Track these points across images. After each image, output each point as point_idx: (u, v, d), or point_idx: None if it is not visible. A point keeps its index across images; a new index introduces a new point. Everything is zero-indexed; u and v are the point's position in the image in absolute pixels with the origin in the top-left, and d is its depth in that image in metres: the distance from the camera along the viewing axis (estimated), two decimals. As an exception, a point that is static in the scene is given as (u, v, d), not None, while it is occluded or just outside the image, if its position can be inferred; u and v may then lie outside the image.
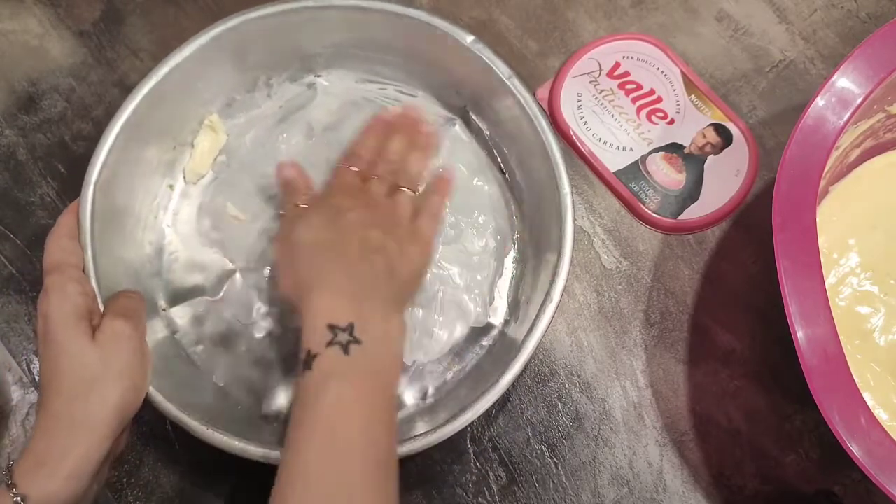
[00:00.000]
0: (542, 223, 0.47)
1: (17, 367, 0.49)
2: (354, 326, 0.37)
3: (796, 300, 0.38)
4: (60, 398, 0.37)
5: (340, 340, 0.37)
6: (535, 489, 0.47)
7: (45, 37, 0.56)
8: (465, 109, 0.51)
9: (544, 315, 0.43)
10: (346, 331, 0.37)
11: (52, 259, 0.41)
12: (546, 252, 0.46)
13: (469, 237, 0.50)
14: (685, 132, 0.53)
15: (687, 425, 0.49)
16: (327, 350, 0.37)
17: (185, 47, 0.47)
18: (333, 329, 0.37)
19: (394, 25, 0.48)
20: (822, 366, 0.37)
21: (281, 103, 0.52)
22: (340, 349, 0.37)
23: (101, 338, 0.38)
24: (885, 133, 0.49)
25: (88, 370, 0.37)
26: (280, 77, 0.52)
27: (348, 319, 0.38)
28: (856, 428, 0.36)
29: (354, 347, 0.37)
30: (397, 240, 0.43)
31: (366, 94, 0.53)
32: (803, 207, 0.39)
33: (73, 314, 0.38)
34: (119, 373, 0.38)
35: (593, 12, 0.57)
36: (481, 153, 0.51)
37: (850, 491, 0.47)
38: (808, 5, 0.57)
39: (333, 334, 0.37)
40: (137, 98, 0.46)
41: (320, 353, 0.37)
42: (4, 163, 0.53)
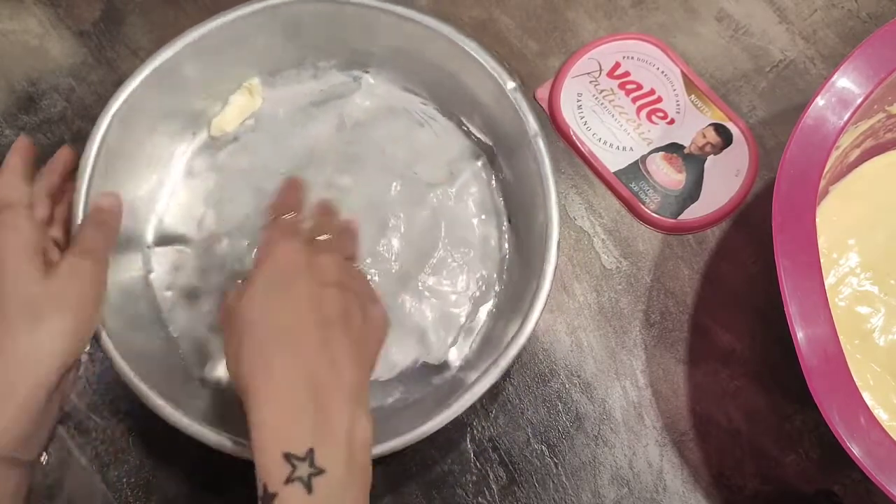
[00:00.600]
0: (524, 284, 0.46)
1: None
2: (315, 453, 0.32)
3: (796, 300, 0.38)
4: (6, 331, 0.36)
5: (301, 476, 0.31)
6: (535, 489, 0.47)
7: (45, 37, 0.56)
8: (493, 150, 0.51)
9: (496, 367, 0.42)
10: (306, 460, 0.32)
11: (0, 196, 0.40)
12: (517, 313, 0.44)
13: (454, 273, 0.49)
14: (685, 132, 0.53)
15: (687, 425, 0.49)
16: (287, 489, 0.31)
17: (240, 8, 0.48)
18: (290, 460, 0.32)
19: (442, 48, 0.48)
20: (822, 366, 0.37)
21: (323, 87, 0.53)
22: (302, 486, 0.31)
23: (57, 272, 0.38)
24: (886, 133, 0.49)
25: (35, 302, 0.37)
26: (329, 62, 0.52)
27: (307, 444, 0.32)
28: (856, 428, 0.36)
29: (318, 480, 0.32)
30: (358, 299, 0.37)
31: (406, 103, 0.52)
32: (803, 207, 0.39)
33: (26, 248, 0.38)
34: (69, 305, 0.37)
35: (593, 12, 0.57)
36: (494, 196, 0.51)
37: (850, 491, 0.47)
38: (808, 5, 0.57)
39: (292, 467, 0.32)
40: (178, 45, 0.47)
41: (279, 494, 0.31)
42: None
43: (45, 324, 0.37)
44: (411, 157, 0.51)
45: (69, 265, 0.38)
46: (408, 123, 0.52)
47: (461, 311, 0.49)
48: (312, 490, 0.31)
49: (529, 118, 0.46)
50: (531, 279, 0.44)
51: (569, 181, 0.53)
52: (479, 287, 0.49)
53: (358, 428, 0.34)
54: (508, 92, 0.47)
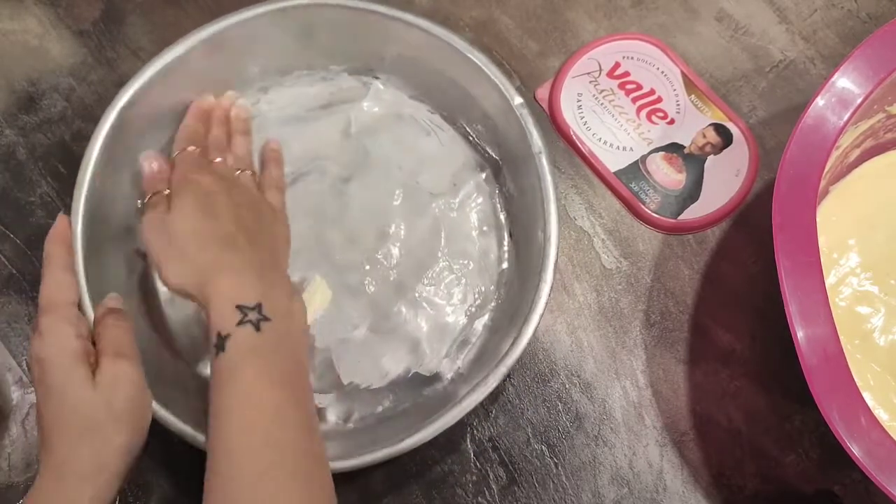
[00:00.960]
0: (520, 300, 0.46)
1: (17, 367, 0.49)
2: (262, 305, 0.38)
3: (796, 300, 0.38)
4: (66, 443, 0.36)
5: (251, 319, 0.37)
6: (535, 489, 0.47)
7: (45, 37, 0.56)
8: (499, 163, 0.51)
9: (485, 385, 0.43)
10: (256, 309, 0.38)
11: (47, 296, 0.40)
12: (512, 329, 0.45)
13: (452, 285, 0.49)
14: (685, 132, 0.53)
15: (687, 425, 0.49)
16: (238, 329, 0.37)
17: (255, 8, 0.48)
18: (242, 309, 0.38)
19: (452, 58, 0.48)
20: (822, 366, 0.37)
21: (333, 90, 0.53)
22: (252, 327, 0.37)
23: (101, 381, 0.37)
24: (885, 133, 0.49)
25: (92, 415, 0.37)
26: (340, 66, 0.53)
27: (256, 299, 0.38)
28: (856, 428, 0.36)
29: (265, 325, 0.37)
30: (262, 217, 0.44)
31: (414, 111, 0.52)
32: (803, 207, 0.39)
33: (71, 358, 0.37)
34: (122, 415, 0.37)
35: (593, 12, 0.57)
36: (497, 210, 0.51)
37: (850, 491, 0.47)
38: (808, 5, 0.57)
39: (243, 314, 0.37)
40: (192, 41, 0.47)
41: (232, 334, 0.37)
42: (4, 162, 0.53)
43: (106, 437, 0.37)
44: (415, 166, 0.51)
45: (110, 371, 0.38)
46: (414, 131, 0.52)
47: (457, 323, 0.48)
48: (260, 329, 0.37)
49: (534, 135, 0.46)
50: (527, 297, 0.44)
51: (569, 181, 0.53)
52: (476, 300, 0.49)
53: (293, 299, 0.41)
54: (515, 107, 0.47)
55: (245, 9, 0.48)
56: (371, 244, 0.49)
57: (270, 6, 0.48)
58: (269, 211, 0.46)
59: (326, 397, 0.47)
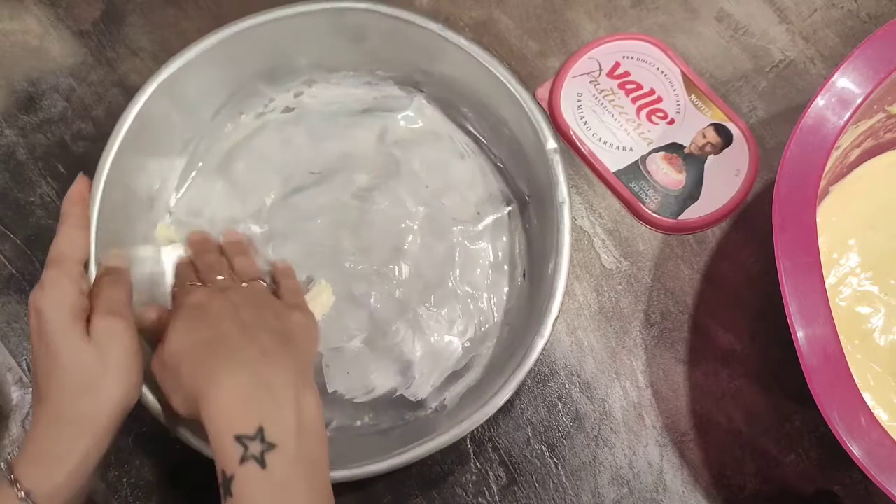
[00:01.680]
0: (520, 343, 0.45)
1: (17, 367, 0.49)
2: (264, 429, 0.34)
3: (796, 300, 0.38)
4: (63, 395, 0.37)
5: (253, 453, 0.33)
6: (535, 489, 0.47)
7: (45, 37, 0.56)
8: (527, 200, 0.50)
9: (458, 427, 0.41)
10: (257, 438, 0.33)
11: (57, 250, 0.40)
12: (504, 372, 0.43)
13: (455, 313, 0.48)
14: (685, 132, 0.53)
15: (687, 425, 0.49)
16: (242, 468, 0.33)
17: (313, 3, 0.48)
18: (242, 441, 0.33)
19: (496, 90, 0.47)
20: (823, 366, 0.37)
21: (376, 96, 0.53)
22: (256, 463, 0.33)
23: (95, 337, 0.38)
24: (885, 133, 0.49)
25: (88, 369, 0.37)
26: (387, 73, 0.52)
27: (255, 423, 0.34)
28: (856, 428, 0.36)
29: (270, 455, 0.33)
30: (272, 311, 0.41)
31: (452, 132, 0.52)
32: (803, 207, 0.39)
33: (69, 313, 0.38)
34: (117, 371, 0.38)
35: (593, 12, 0.57)
36: (515, 247, 0.50)
37: (850, 491, 0.47)
38: (808, 5, 0.57)
39: (244, 447, 0.33)
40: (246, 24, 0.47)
41: (236, 475, 0.33)
42: (4, 163, 0.53)
43: (101, 390, 0.37)
44: (442, 187, 0.51)
45: (104, 329, 0.38)
46: (448, 152, 0.51)
47: (452, 353, 0.48)
48: (266, 465, 0.33)
49: (561, 183, 0.45)
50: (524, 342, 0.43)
51: (569, 181, 0.53)
52: (476, 334, 0.48)
53: (303, 400, 0.36)
54: (548, 151, 0.46)
55: (303, 3, 0.48)
56: (383, 257, 0.49)
57: (329, 4, 0.48)
58: (282, 307, 0.42)
59: None
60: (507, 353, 0.46)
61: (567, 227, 0.44)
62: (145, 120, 0.45)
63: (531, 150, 0.47)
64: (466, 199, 0.50)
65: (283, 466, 0.33)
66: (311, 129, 0.52)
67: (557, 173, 0.45)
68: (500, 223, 0.50)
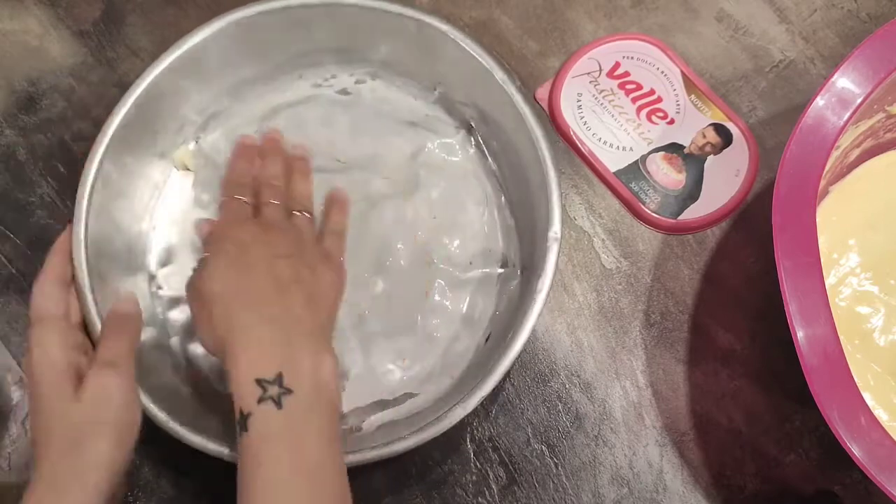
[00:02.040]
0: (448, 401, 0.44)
1: (17, 367, 0.49)
2: (283, 376, 0.36)
3: (796, 300, 0.38)
4: (50, 457, 0.36)
5: (272, 395, 0.35)
6: (535, 489, 0.47)
7: (45, 37, 0.56)
8: (518, 274, 0.48)
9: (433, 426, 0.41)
10: (276, 382, 0.36)
11: (35, 308, 0.40)
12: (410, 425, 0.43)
13: (409, 349, 0.47)
14: (685, 132, 0.53)
15: (687, 425, 0.49)
16: (259, 407, 0.35)
17: (400, 7, 0.48)
18: (261, 383, 0.36)
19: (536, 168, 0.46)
20: (823, 366, 0.37)
21: (429, 113, 0.52)
22: (273, 404, 0.35)
23: (85, 395, 0.37)
24: (885, 133, 0.49)
25: (74, 430, 0.36)
26: (447, 95, 0.51)
27: (275, 369, 0.36)
28: (856, 428, 0.36)
29: (287, 399, 0.36)
30: (308, 265, 0.42)
31: (485, 180, 0.51)
32: (803, 207, 0.39)
33: (55, 372, 0.37)
34: (105, 430, 0.37)
35: (593, 12, 0.57)
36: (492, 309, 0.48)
37: (850, 491, 0.47)
38: (808, 5, 0.57)
39: (263, 389, 0.36)
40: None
41: (253, 413, 0.35)
42: (4, 163, 0.53)
43: (87, 450, 0.36)
44: (448, 225, 0.50)
45: (96, 384, 0.38)
46: (469, 195, 0.50)
47: (388, 383, 0.47)
48: (282, 406, 0.35)
49: (548, 269, 0.43)
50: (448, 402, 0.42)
51: (569, 181, 0.53)
52: (419, 374, 0.47)
53: (321, 359, 0.38)
54: (549, 236, 0.44)
55: (390, 3, 0.48)
56: (364, 265, 0.48)
57: (413, 13, 0.48)
58: (319, 259, 0.43)
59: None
60: (437, 405, 0.45)
61: (536, 309, 0.43)
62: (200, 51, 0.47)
63: (539, 229, 0.45)
64: (465, 246, 0.49)
65: (297, 410, 0.36)
66: (356, 119, 0.52)
67: (549, 260, 0.44)
68: (488, 281, 0.49)
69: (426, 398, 0.46)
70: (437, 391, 0.47)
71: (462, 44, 0.48)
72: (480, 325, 0.48)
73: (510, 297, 0.48)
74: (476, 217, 0.50)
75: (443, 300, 0.49)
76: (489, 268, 0.49)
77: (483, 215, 0.50)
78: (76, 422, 0.37)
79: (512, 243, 0.50)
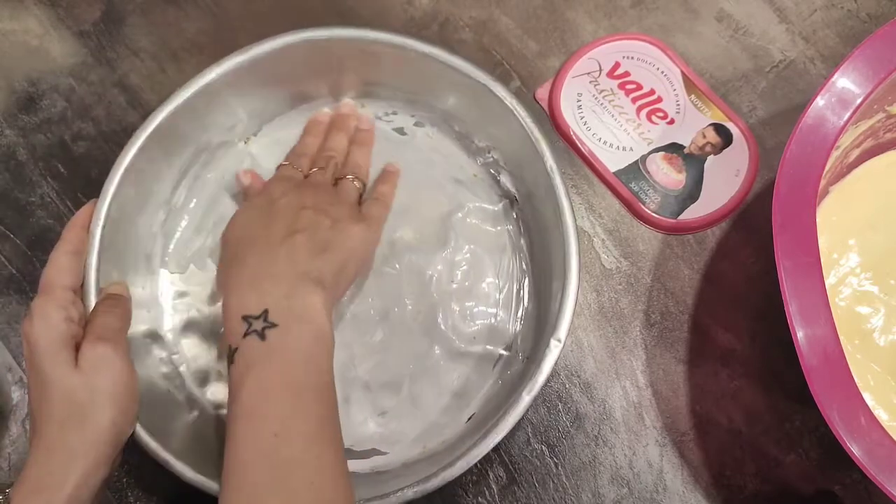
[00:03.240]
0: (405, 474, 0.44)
1: (18, 367, 0.49)
2: (268, 311, 0.38)
3: (796, 300, 0.38)
4: (52, 426, 0.37)
5: (256, 328, 0.37)
6: (535, 489, 0.47)
7: (45, 37, 0.56)
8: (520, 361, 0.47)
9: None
10: (261, 317, 0.38)
11: (46, 277, 0.40)
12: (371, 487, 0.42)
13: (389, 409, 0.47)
14: (685, 132, 0.53)
15: (687, 425, 0.49)
16: (244, 341, 0.37)
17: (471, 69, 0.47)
18: (248, 319, 0.38)
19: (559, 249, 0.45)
20: (823, 366, 0.37)
21: (476, 173, 0.51)
22: (257, 337, 0.37)
23: (83, 364, 0.38)
24: (886, 133, 0.49)
25: (76, 398, 0.37)
26: (495, 157, 0.51)
27: (262, 306, 0.38)
28: (856, 428, 0.36)
29: (271, 332, 0.37)
30: (333, 217, 0.43)
31: (510, 253, 0.50)
32: (803, 207, 0.39)
33: (56, 341, 0.38)
34: (106, 398, 0.38)
35: (593, 12, 0.57)
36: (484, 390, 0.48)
37: (850, 491, 0.47)
38: (808, 5, 0.57)
39: (248, 324, 0.38)
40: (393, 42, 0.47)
41: (239, 346, 0.37)
42: (4, 163, 0.53)
43: (88, 417, 0.37)
44: (464, 293, 0.49)
45: (93, 354, 0.38)
46: (496, 269, 0.49)
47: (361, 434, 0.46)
48: (265, 338, 0.37)
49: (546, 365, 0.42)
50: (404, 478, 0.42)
51: (569, 181, 0.53)
52: (391, 436, 0.46)
53: (314, 299, 0.39)
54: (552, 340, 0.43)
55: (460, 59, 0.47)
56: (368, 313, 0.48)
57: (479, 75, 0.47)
58: (349, 216, 0.44)
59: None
60: (402, 470, 0.45)
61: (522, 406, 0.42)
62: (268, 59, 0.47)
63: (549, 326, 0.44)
64: (474, 318, 0.48)
65: (280, 342, 0.37)
66: (404, 160, 0.51)
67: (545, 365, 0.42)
68: (488, 360, 0.48)
69: (391, 459, 0.46)
70: (406, 456, 0.46)
71: (518, 117, 0.46)
72: (467, 403, 0.47)
73: (504, 383, 0.47)
74: (494, 292, 0.49)
75: (437, 367, 0.47)
76: (492, 346, 0.48)
77: (502, 292, 0.49)
78: (77, 392, 0.37)
79: (525, 329, 0.48)
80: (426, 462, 0.44)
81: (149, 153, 0.45)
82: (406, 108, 0.52)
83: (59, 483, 0.35)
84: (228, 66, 0.46)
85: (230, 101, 0.49)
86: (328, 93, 0.51)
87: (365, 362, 0.47)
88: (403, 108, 0.52)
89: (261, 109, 0.51)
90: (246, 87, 0.48)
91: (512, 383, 0.46)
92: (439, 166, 0.51)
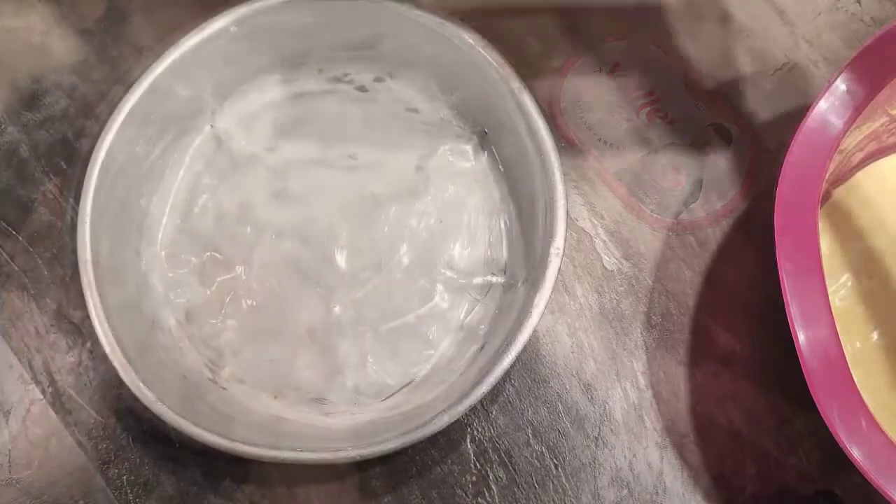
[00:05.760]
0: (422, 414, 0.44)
1: (18, 364, 0.49)
2: None
3: (797, 302, 0.37)
4: None
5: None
6: (535, 490, 0.47)
7: (49, 34, 0.56)
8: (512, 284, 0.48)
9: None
10: None
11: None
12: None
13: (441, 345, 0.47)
14: (686, 132, 0.53)
15: (687, 427, 0.49)
16: None
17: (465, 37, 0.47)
18: None
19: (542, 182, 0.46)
20: (823, 368, 0.37)
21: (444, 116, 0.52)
22: None
23: None
24: (888, 136, 0.49)
25: None
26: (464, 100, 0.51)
27: None
28: (856, 431, 0.36)
29: None
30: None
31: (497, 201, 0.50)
32: (805, 210, 0.39)
33: None
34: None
35: (595, 12, 0.57)
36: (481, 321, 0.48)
37: (851, 493, 0.47)
38: (811, 8, 0.57)
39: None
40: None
41: None
42: (7, 160, 0.53)
43: None
44: (454, 230, 0.49)
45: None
46: (480, 202, 0.49)
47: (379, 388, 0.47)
48: None
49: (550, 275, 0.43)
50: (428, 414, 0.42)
51: (570, 182, 0.53)
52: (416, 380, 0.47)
53: None
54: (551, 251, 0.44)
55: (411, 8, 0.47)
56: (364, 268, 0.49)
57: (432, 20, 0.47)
58: None
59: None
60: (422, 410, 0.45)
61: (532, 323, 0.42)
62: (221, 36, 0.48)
63: (543, 241, 0.45)
64: (470, 252, 0.49)
65: None
66: (370, 117, 0.51)
67: (548, 275, 0.43)
68: (489, 289, 0.49)
69: (414, 398, 0.46)
70: (428, 396, 0.46)
71: (482, 51, 0.47)
72: (474, 333, 0.48)
73: (509, 308, 0.47)
74: (483, 224, 0.50)
75: (441, 304, 0.48)
76: (491, 276, 0.49)
77: (490, 222, 0.50)
78: None
79: (516, 254, 0.49)
80: (446, 397, 0.45)
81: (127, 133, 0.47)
82: (363, 66, 0.52)
83: None
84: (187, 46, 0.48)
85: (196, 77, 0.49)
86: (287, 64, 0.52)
87: (370, 311, 0.48)
88: (360, 67, 0.52)
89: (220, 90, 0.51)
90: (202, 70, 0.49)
91: (518, 306, 0.46)
92: (405, 116, 0.52)
